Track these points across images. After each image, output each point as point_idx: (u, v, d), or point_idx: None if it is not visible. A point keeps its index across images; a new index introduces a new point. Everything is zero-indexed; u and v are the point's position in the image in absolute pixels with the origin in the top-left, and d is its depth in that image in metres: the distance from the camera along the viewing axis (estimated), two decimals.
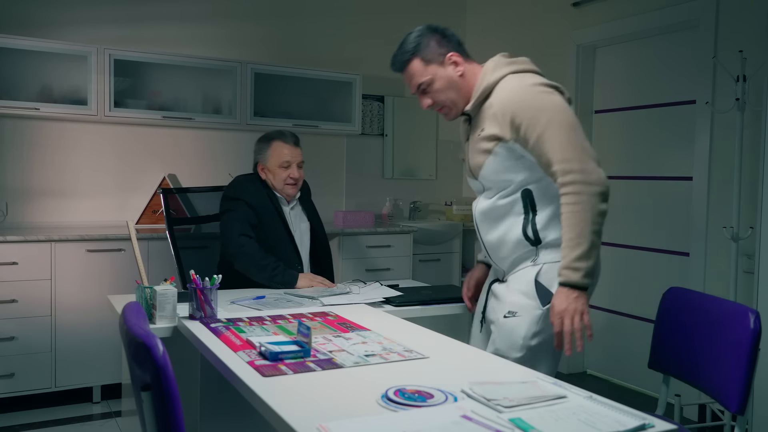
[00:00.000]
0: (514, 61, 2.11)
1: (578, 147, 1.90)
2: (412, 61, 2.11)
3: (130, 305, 1.77)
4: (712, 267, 3.45)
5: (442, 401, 1.35)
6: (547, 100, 1.95)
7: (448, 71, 2.11)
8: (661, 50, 3.86)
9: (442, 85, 2.11)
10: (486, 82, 2.06)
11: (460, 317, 2.68)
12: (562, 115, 1.93)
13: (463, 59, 2.13)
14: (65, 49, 3.68)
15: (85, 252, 3.51)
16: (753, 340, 1.84)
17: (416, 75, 2.12)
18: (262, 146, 2.99)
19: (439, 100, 2.14)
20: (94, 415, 3.48)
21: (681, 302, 2.16)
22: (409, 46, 2.12)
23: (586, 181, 1.88)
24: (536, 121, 1.91)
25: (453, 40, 2.14)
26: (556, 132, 1.90)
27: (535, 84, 1.99)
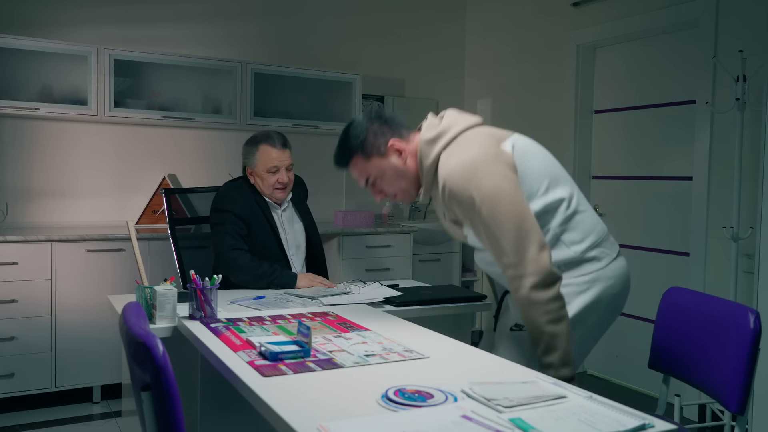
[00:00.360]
0: (439, 133, 1.94)
1: (511, 238, 1.79)
2: (353, 158, 2.04)
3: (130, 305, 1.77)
4: (712, 267, 3.45)
5: (442, 401, 1.35)
6: (479, 188, 1.81)
7: (391, 161, 2.01)
8: (661, 50, 3.86)
9: (389, 177, 2.03)
10: (426, 166, 1.95)
11: (460, 317, 2.68)
12: (492, 203, 1.80)
13: (405, 142, 2.01)
14: (65, 49, 3.68)
15: (85, 252, 3.51)
16: (753, 340, 1.83)
17: (361, 171, 2.05)
18: (249, 150, 2.89)
19: (391, 190, 2.06)
20: (94, 415, 3.48)
21: (681, 302, 2.16)
22: (347, 143, 2.04)
23: (523, 275, 1.78)
24: (468, 216, 1.86)
25: (392, 123, 2.04)
26: (487, 223, 1.81)
27: (467, 162, 1.85)
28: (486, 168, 1.83)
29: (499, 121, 4.93)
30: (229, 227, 2.76)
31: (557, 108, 4.39)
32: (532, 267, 1.77)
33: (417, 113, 5.01)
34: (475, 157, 1.85)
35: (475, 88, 5.18)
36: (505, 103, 4.87)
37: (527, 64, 4.64)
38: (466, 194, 1.82)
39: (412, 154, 2.01)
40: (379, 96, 4.93)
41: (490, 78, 5.02)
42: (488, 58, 5.04)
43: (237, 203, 2.81)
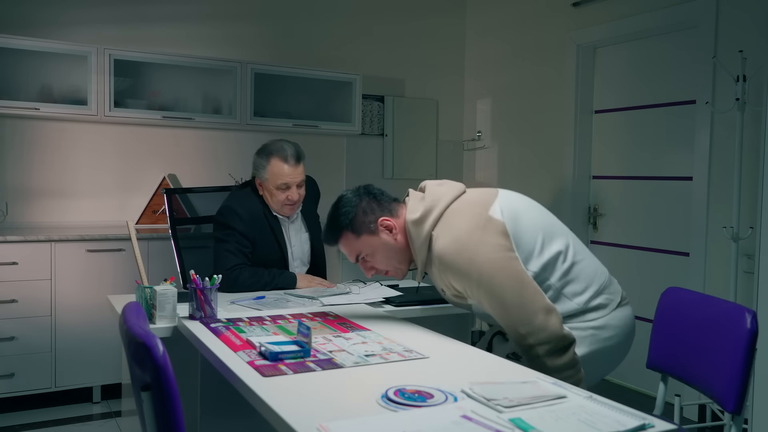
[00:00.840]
0: (425, 211, 1.92)
1: (516, 309, 1.77)
2: (343, 235, 2.02)
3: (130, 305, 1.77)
4: (712, 267, 3.45)
5: (442, 401, 1.35)
6: (474, 264, 1.81)
7: (382, 239, 1.99)
8: (661, 50, 3.86)
9: (380, 255, 2.01)
10: (417, 247, 1.94)
11: (460, 317, 2.68)
12: (490, 276, 1.79)
13: (394, 219, 1.99)
14: (65, 49, 3.68)
15: (85, 252, 3.51)
16: (749, 340, 1.83)
17: (351, 248, 2.03)
18: (260, 162, 2.76)
19: (383, 268, 2.05)
20: (94, 415, 3.48)
21: (679, 302, 2.16)
22: (337, 220, 2.02)
23: (536, 344, 1.77)
24: (470, 290, 1.85)
25: (381, 199, 2.02)
26: (491, 299, 1.81)
27: (456, 241, 1.84)
28: (477, 242, 1.82)
29: (499, 121, 4.94)
30: (232, 245, 2.67)
31: (557, 108, 4.39)
32: (542, 335, 1.77)
33: (417, 113, 5.05)
34: (465, 232, 1.84)
35: (475, 88, 5.18)
36: (505, 103, 4.87)
37: (527, 64, 4.64)
38: (463, 271, 1.83)
39: (402, 230, 1.99)
40: (379, 96, 4.93)
41: (490, 78, 5.02)
42: (488, 58, 5.04)
43: (242, 219, 2.70)
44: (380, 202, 2.02)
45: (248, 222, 2.71)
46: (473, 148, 5.20)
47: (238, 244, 2.68)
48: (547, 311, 1.79)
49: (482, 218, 1.86)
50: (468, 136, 5.25)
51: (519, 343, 1.81)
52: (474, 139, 5.17)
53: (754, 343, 1.85)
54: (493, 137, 5.01)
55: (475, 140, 5.17)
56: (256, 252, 2.74)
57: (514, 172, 4.80)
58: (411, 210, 1.96)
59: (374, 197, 2.03)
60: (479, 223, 1.85)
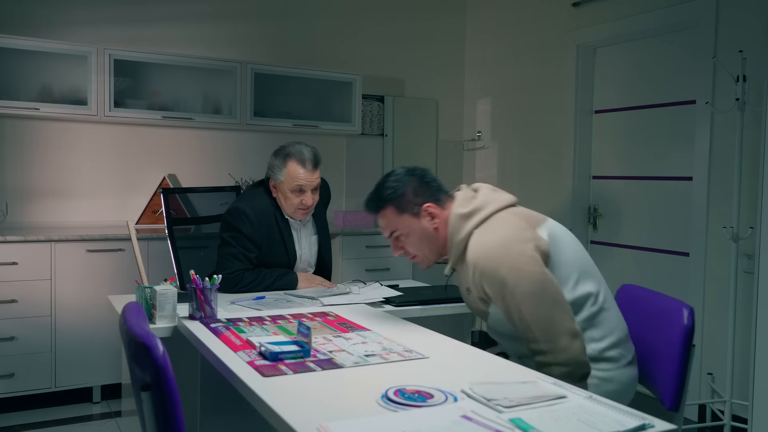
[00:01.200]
0: (474, 209, 1.93)
1: (544, 325, 1.77)
2: (386, 208, 2.01)
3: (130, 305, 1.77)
4: (712, 267, 3.45)
5: (442, 401, 1.35)
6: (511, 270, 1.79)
7: (422, 223, 1.98)
8: (661, 50, 3.86)
9: (414, 238, 2.00)
10: (455, 241, 1.94)
11: (460, 317, 2.68)
12: (525, 287, 1.78)
13: (440, 209, 1.98)
14: (65, 49, 3.68)
15: (85, 252, 3.51)
16: (686, 336, 1.84)
17: (388, 224, 2.02)
18: (276, 163, 2.71)
19: (412, 251, 2.04)
20: (94, 415, 3.48)
21: (631, 299, 2.16)
22: (383, 192, 2.01)
23: (553, 363, 1.76)
24: (501, 295, 1.81)
25: (432, 185, 2.02)
26: (520, 309, 1.79)
27: (501, 245, 1.83)
28: (519, 251, 1.81)
29: (499, 121, 4.94)
30: (237, 250, 2.64)
31: (557, 108, 4.39)
32: (563, 356, 1.76)
33: (417, 113, 5.05)
34: (508, 238, 1.83)
35: (475, 88, 5.18)
36: (505, 103, 4.87)
37: (527, 64, 4.64)
38: (498, 276, 1.80)
39: (444, 222, 1.98)
40: (379, 96, 4.93)
41: (490, 78, 5.02)
42: (488, 58, 5.04)
43: (251, 222, 2.65)
44: (430, 188, 2.01)
45: (257, 225, 2.67)
46: (473, 148, 5.20)
47: (244, 249, 2.65)
48: (574, 335, 1.78)
49: (528, 233, 1.85)
50: (468, 136, 5.25)
51: (536, 359, 1.80)
52: (474, 139, 5.17)
53: (691, 339, 1.85)
54: (493, 137, 5.01)
55: (475, 140, 5.17)
56: (263, 254, 2.72)
57: (514, 172, 4.80)
58: (459, 204, 1.96)
59: (426, 182, 2.02)
60: (524, 236, 1.84)
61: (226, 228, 2.71)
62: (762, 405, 2.90)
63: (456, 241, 1.93)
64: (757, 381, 2.90)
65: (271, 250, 2.73)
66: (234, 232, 2.67)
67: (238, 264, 2.63)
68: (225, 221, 2.73)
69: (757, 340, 2.89)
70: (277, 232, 2.74)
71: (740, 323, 3.19)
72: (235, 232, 2.66)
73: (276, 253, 2.74)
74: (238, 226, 2.66)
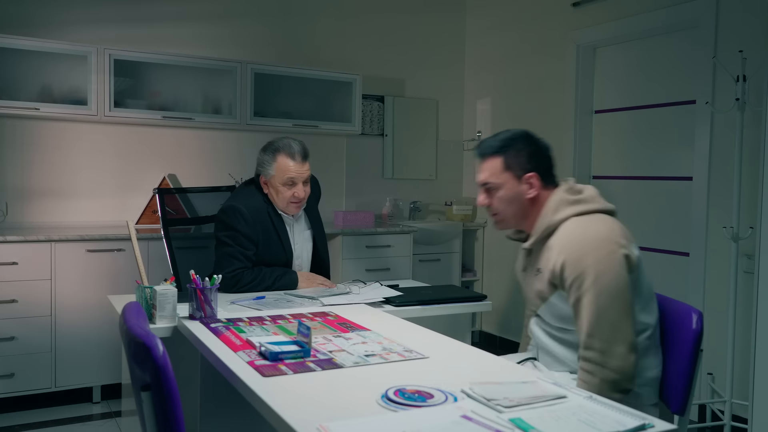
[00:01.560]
0: (578, 199, 1.95)
1: (609, 325, 1.75)
2: (495, 158, 2.01)
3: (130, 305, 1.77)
4: (712, 267, 3.45)
5: (442, 401, 1.35)
6: (599, 263, 1.79)
7: (520, 188, 1.98)
8: (661, 50, 3.86)
9: (507, 197, 2.00)
10: (547, 221, 1.93)
11: (460, 317, 2.68)
12: (607, 283, 1.77)
13: (542, 185, 1.99)
14: (65, 49, 3.68)
15: (85, 252, 3.51)
16: (695, 341, 1.84)
17: (489, 173, 2.02)
18: (265, 158, 2.74)
19: (496, 207, 2.03)
20: (94, 415, 3.48)
21: None
22: (501, 144, 2.01)
23: (603, 364, 1.74)
24: (579, 282, 1.79)
25: (547, 162, 2.02)
26: (593, 301, 1.76)
27: (595, 238, 1.83)
28: (611, 249, 1.80)
29: (499, 121, 4.94)
30: (235, 249, 2.64)
31: (557, 108, 4.39)
32: (616, 363, 1.74)
33: (417, 113, 5.05)
34: (604, 236, 1.83)
35: (475, 88, 5.18)
36: (505, 103, 4.87)
37: (527, 64, 4.64)
38: (583, 264, 1.79)
39: (540, 199, 1.98)
40: (379, 96, 4.93)
41: (490, 78, 5.02)
42: (488, 58, 5.04)
43: (246, 220, 2.66)
44: (544, 163, 2.01)
45: (252, 222, 2.68)
46: (473, 148, 5.20)
47: (241, 247, 2.65)
48: (632, 348, 1.76)
49: (623, 240, 1.85)
50: (468, 136, 5.25)
51: (586, 355, 1.77)
52: (474, 139, 5.17)
53: (700, 343, 1.85)
54: None
55: (475, 140, 5.17)
56: (259, 252, 2.72)
57: None
58: (566, 190, 1.96)
59: (544, 156, 2.02)
60: (619, 241, 1.83)
61: (222, 227, 2.70)
62: (762, 405, 2.90)
63: (549, 220, 1.93)
64: (757, 381, 2.90)
65: (267, 247, 2.72)
66: (230, 230, 2.66)
67: (236, 263, 2.63)
68: (219, 220, 2.73)
69: (757, 340, 2.89)
70: (272, 229, 2.74)
71: (740, 323, 3.19)
72: (231, 230, 2.66)
73: (273, 249, 2.74)
74: (234, 225, 2.66)
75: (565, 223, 1.90)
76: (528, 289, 2.03)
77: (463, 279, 4.94)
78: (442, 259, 4.80)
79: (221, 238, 2.69)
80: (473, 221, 5.08)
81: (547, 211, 1.94)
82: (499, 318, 4.90)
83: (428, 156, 5.16)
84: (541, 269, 1.93)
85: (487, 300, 2.63)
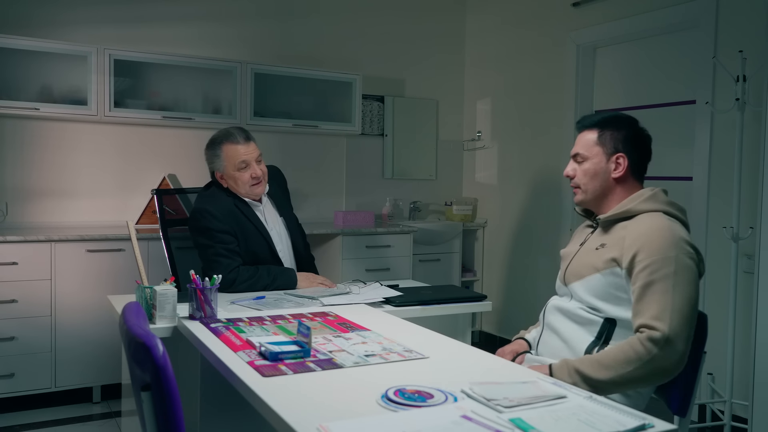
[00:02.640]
0: (672, 203, 2.00)
1: (681, 316, 1.75)
2: (591, 130, 2.05)
3: (130, 305, 1.77)
4: (712, 267, 3.45)
5: (442, 401, 1.35)
6: (680, 257, 1.80)
7: (606, 165, 2.01)
8: (661, 50, 3.86)
9: (591, 171, 2.03)
10: (634, 204, 1.95)
11: (460, 317, 2.68)
12: (684, 276, 1.78)
13: (629, 169, 2.01)
14: (65, 49, 3.68)
15: (85, 252, 3.51)
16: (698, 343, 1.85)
17: (583, 144, 2.06)
18: (212, 153, 2.76)
19: (579, 179, 2.07)
20: (94, 415, 3.48)
21: None
22: (603, 119, 2.04)
23: (662, 348, 1.72)
24: (656, 267, 1.78)
25: (643, 154, 2.04)
26: (670, 288, 1.76)
27: (681, 239, 1.84)
28: (691, 255, 1.82)
29: (499, 121, 4.94)
30: (217, 247, 2.62)
31: (557, 108, 4.39)
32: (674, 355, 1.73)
33: (417, 113, 5.05)
34: (687, 241, 1.85)
35: (475, 88, 5.18)
36: (505, 103, 4.87)
37: (527, 64, 4.64)
38: (665, 253, 1.79)
39: (625, 184, 2.01)
40: (379, 96, 4.93)
41: (490, 78, 5.02)
42: (488, 58, 5.04)
43: (215, 218, 2.64)
44: (639, 152, 2.02)
45: (222, 218, 2.66)
46: (473, 148, 5.20)
47: (224, 244, 2.64)
48: (688, 342, 1.76)
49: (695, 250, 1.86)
50: (468, 136, 5.25)
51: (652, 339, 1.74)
52: (474, 139, 5.17)
53: (703, 345, 1.86)
54: (493, 137, 5.01)
55: (475, 140, 5.17)
56: (242, 247, 2.70)
57: (514, 172, 4.80)
58: (660, 191, 2.01)
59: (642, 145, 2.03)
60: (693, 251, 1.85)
61: (196, 232, 2.70)
62: (762, 405, 2.90)
63: (636, 204, 1.94)
64: (757, 381, 2.90)
65: (247, 239, 2.71)
66: (205, 232, 2.66)
67: (225, 261, 2.62)
68: (191, 227, 2.73)
69: (757, 340, 2.89)
70: (245, 220, 2.72)
71: (740, 323, 3.19)
72: (206, 231, 2.65)
73: (252, 240, 2.72)
74: (206, 225, 2.65)
75: (652, 213, 1.91)
76: (578, 261, 2.01)
77: (463, 279, 4.94)
78: (442, 259, 4.80)
79: (200, 243, 2.68)
80: (473, 221, 5.08)
81: (639, 196, 1.97)
82: (499, 318, 4.90)
83: (428, 156, 5.17)
84: (606, 245, 1.93)
85: (487, 300, 2.63)
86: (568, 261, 2.07)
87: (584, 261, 1.98)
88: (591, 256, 1.96)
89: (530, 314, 2.39)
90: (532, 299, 4.51)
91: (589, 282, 1.93)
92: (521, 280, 4.74)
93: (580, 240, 2.11)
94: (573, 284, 1.99)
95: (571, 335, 1.95)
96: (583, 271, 1.95)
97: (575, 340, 1.93)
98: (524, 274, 4.73)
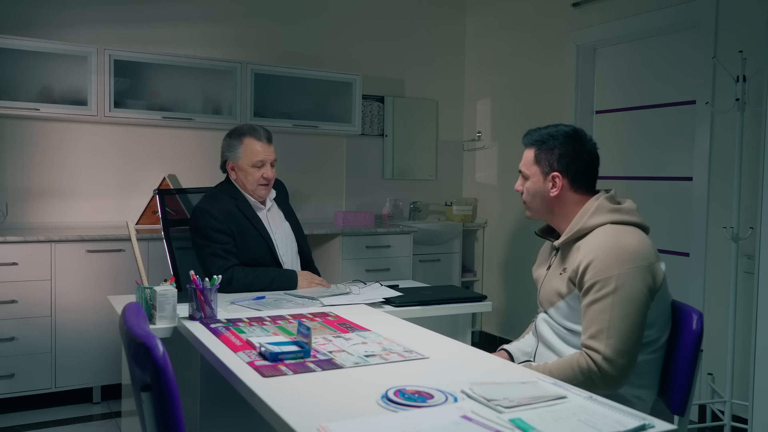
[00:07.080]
0: (618, 208, 1.95)
1: (620, 334, 1.76)
2: (531, 148, 2.07)
3: (130, 305, 1.77)
4: (712, 267, 3.45)
5: (442, 401, 1.35)
6: (623, 275, 1.79)
7: (543, 184, 2.02)
8: (661, 50, 3.86)
9: (532, 189, 2.04)
10: (582, 223, 1.93)
11: (460, 317, 2.68)
12: (624, 293, 1.78)
13: (569, 187, 2.00)
14: (65, 49, 3.68)
15: (85, 252, 3.51)
16: (695, 341, 1.84)
17: (525, 162, 2.08)
18: (232, 143, 2.77)
19: (525, 195, 2.08)
20: (94, 415, 3.48)
21: None
22: (538, 135, 2.06)
23: (600, 368, 1.76)
24: (599, 287, 1.80)
25: (583, 166, 2.02)
26: (608, 308, 1.77)
27: (626, 250, 1.82)
28: (637, 265, 1.81)
29: (499, 121, 4.94)
30: (216, 248, 2.63)
31: (557, 108, 4.39)
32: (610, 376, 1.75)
33: (417, 113, 5.05)
34: (634, 249, 1.83)
35: (475, 88, 5.18)
36: (505, 103, 4.87)
37: (527, 65, 4.64)
38: (606, 272, 1.79)
39: (566, 201, 2.00)
40: (379, 96, 4.93)
41: (490, 78, 5.02)
42: (488, 58, 5.04)
43: (214, 218, 2.66)
44: (578, 167, 2.01)
45: (221, 218, 2.67)
46: (473, 149, 5.20)
47: (221, 244, 2.65)
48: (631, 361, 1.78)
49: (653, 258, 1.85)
50: (468, 136, 5.25)
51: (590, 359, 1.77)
52: (474, 139, 5.17)
53: (700, 344, 1.85)
54: (493, 137, 5.01)
55: (475, 140, 5.17)
56: (241, 247, 2.70)
57: (514, 173, 4.78)
58: (607, 198, 1.98)
59: (580, 159, 2.02)
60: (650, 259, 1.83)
61: (195, 233, 2.71)
62: (762, 405, 2.90)
63: (585, 222, 1.93)
64: (757, 381, 2.90)
65: (246, 241, 2.71)
66: (202, 232, 2.67)
67: (221, 261, 2.62)
68: (191, 228, 2.74)
69: (757, 340, 2.89)
70: (246, 222, 2.73)
71: (740, 323, 3.19)
72: (203, 231, 2.67)
73: (253, 242, 2.72)
74: (204, 224, 2.66)
75: (600, 228, 1.90)
76: (546, 287, 2.03)
77: (463, 279, 4.94)
78: (442, 259, 4.80)
79: (198, 243, 2.69)
80: (473, 221, 5.08)
81: (584, 214, 1.95)
82: (499, 318, 4.90)
83: (428, 156, 5.17)
84: (566, 269, 1.94)
85: (487, 300, 2.63)
86: (539, 286, 2.09)
87: (552, 287, 1.99)
88: (556, 282, 1.98)
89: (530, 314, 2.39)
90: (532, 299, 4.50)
91: (560, 308, 1.95)
92: (521, 280, 4.73)
93: (546, 262, 2.11)
94: (548, 310, 2.01)
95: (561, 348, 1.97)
96: (552, 298, 1.98)
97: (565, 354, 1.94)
98: (524, 275, 4.73)
